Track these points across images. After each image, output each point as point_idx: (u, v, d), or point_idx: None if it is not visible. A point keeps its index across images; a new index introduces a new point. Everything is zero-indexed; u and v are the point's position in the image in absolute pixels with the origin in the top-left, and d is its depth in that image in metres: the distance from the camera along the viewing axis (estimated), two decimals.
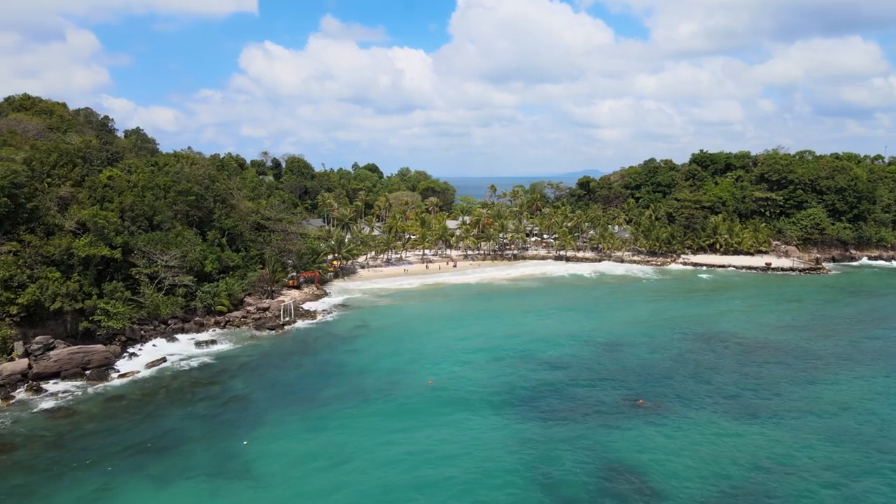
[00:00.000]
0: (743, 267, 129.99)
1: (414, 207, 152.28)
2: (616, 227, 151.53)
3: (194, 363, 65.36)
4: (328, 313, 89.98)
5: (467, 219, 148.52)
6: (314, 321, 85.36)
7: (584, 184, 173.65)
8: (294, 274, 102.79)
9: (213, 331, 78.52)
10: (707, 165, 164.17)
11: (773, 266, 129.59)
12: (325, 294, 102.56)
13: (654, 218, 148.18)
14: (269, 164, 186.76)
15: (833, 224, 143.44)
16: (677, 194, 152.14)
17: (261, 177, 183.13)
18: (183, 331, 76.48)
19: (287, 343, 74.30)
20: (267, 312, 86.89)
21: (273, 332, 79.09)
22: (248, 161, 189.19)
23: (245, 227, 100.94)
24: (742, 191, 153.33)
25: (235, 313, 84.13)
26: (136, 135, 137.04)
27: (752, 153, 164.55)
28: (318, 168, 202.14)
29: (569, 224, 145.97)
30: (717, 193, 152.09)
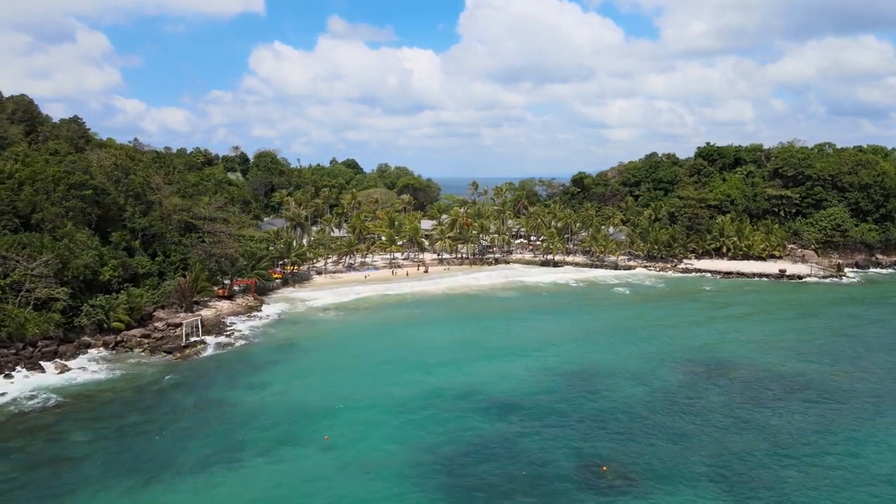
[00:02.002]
0: (753, 274, 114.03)
1: (387, 206, 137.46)
2: (611, 229, 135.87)
3: (38, 402, 50.79)
4: (253, 330, 75.34)
5: (446, 218, 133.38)
6: (231, 341, 70.73)
7: (579, 180, 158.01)
8: (225, 282, 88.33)
9: (98, 353, 64.01)
10: (714, 160, 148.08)
11: (788, 273, 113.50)
12: (261, 306, 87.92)
13: (653, 218, 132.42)
14: (239, 159, 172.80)
15: (857, 225, 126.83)
16: (680, 192, 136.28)
17: (228, 173, 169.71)
18: (56, 355, 61.95)
19: (178, 372, 59.61)
20: (178, 329, 72.34)
21: (170, 356, 64.50)
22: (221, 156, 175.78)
23: (169, 228, 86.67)
24: (753, 188, 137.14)
25: (134, 331, 69.55)
26: (74, 122, 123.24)
27: (765, 146, 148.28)
28: (313, 165, 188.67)
29: (557, 224, 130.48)
30: (724, 191, 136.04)
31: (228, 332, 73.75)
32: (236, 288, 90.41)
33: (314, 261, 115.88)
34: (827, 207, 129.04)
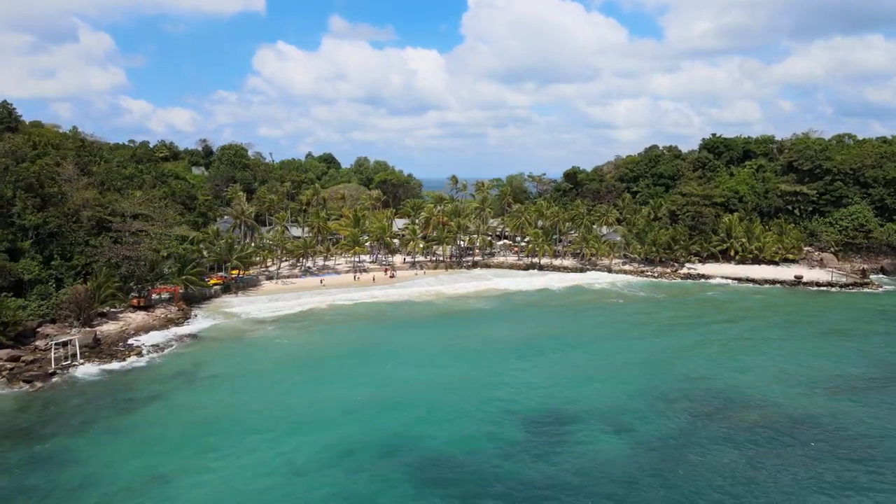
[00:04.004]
0: (765, 281, 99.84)
1: (358, 203, 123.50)
2: (605, 229, 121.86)
3: None
4: (159, 350, 61.74)
5: (420, 217, 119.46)
6: (119, 364, 57.20)
7: (571, 175, 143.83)
8: (140, 292, 74.82)
9: None
10: (721, 153, 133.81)
11: (805, 280, 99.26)
12: (186, 318, 74.39)
13: (652, 217, 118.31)
14: (203, 153, 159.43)
15: (882, 225, 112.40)
16: (683, 188, 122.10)
17: (192, 168, 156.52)
18: None
19: (28, 409, 46.03)
20: (64, 349, 58.82)
21: (28, 386, 50.96)
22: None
23: (74, 226, 73.22)
24: (764, 183, 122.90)
25: (1, 353, 56.08)
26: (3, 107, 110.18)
27: (777, 138, 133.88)
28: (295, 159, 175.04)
29: (544, 223, 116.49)
30: (732, 187, 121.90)
31: (123, 354, 60.15)
32: (156, 297, 76.82)
33: (264, 264, 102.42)
34: (848, 205, 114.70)
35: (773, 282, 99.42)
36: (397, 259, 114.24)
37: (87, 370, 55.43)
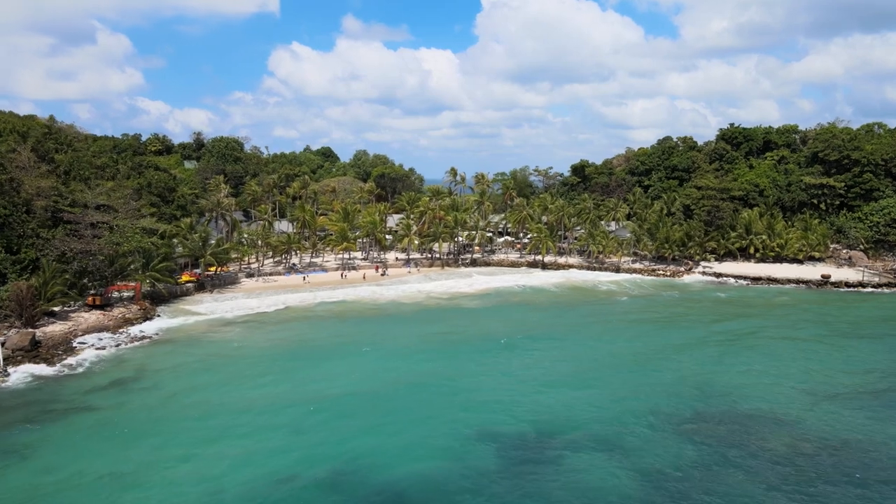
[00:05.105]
0: (788, 280, 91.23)
1: (350, 197, 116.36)
2: (613, 225, 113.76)
3: None
4: (101, 355, 55.06)
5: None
6: (52, 370, 50.60)
7: (579, 169, 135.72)
8: (97, 289, 68.28)
9: None
10: (739, 143, 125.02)
11: (833, 280, 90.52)
12: (146, 318, 67.78)
13: (665, 212, 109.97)
14: (195, 145, 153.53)
15: None
16: (698, 181, 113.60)
17: (185, 162, 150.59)
18: None
19: None
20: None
21: None
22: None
23: (24, 217, 66.93)
24: (787, 176, 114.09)
25: None
26: None
27: (801, 128, 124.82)
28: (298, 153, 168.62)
29: (548, 219, 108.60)
30: (752, 179, 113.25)
31: (60, 358, 53.51)
32: (116, 295, 70.30)
33: (244, 261, 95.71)
34: (879, 199, 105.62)
35: (798, 281, 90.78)
36: (391, 256, 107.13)
37: (16, 377, 48.80)
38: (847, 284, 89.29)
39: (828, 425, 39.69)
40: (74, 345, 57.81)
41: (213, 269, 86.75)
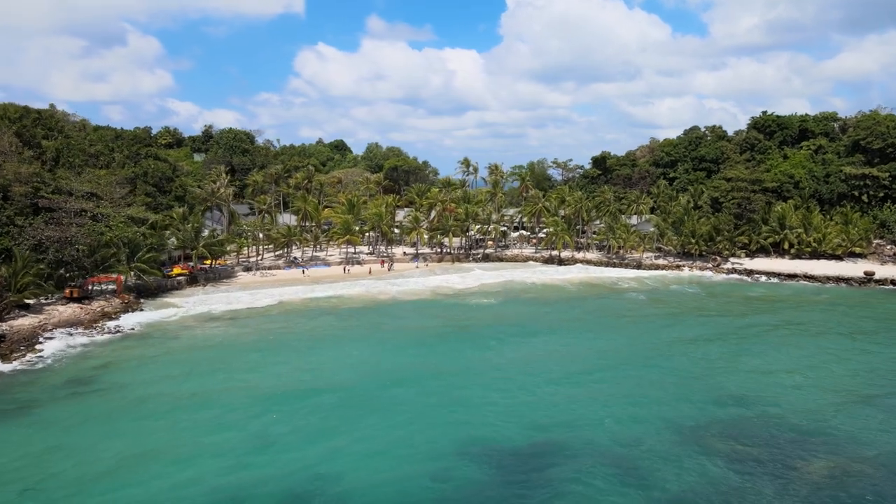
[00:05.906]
0: (827, 278, 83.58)
1: (357, 189, 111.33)
2: (635, 219, 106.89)
3: None
4: (65, 352, 50.63)
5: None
6: (9, 367, 46.25)
7: (600, 160, 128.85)
8: (76, 281, 64.13)
9: None
10: (773, 132, 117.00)
11: (877, 277, 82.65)
12: (128, 311, 63.52)
13: (692, 205, 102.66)
14: (203, 138, 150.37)
15: None
16: (727, 172, 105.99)
17: (195, 154, 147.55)
18: None
19: None
20: None
21: None
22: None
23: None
24: (825, 166, 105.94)
25: None
26: None
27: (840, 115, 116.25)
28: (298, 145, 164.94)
29: (566, 212, 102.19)
30: (786, 170, 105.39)
31: (20, 354, 49.11)
32: (97, 287, 66.16)
33: (242, 253, 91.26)
34: None
35: (838, 279, 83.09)
36: (399, 251, 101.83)
37: None
38: (893, 282, 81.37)
39: (888, 456, 33.14)
40: (41, 340, 53.58)
41: (207, 262, 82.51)
